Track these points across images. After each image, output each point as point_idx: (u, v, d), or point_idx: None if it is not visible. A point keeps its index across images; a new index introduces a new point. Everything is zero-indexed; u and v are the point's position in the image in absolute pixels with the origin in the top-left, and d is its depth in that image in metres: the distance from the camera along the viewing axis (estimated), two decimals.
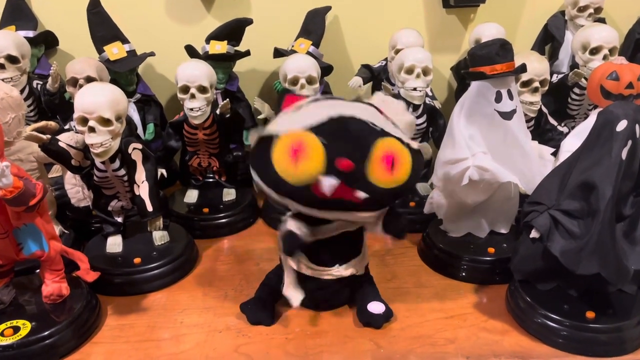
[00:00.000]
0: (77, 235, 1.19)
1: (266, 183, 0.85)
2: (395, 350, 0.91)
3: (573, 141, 1.09)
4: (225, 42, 1.39)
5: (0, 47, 1.23)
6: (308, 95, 0.94)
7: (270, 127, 0.87)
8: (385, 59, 1.50)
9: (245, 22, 1.42)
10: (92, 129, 0.98)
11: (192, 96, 1.19)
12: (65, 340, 0.91)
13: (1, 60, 1.23)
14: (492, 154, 1.04)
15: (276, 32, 1.51)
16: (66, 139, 1.02)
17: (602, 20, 1.51)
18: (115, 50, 1.34)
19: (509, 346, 0.91)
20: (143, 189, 1.07)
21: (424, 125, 1.29)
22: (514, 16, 1.63)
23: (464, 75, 1.32)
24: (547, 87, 1.21)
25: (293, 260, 0.94)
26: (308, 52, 1.42)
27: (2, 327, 0.90)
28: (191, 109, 1.20)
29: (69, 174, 1.16)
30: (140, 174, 1.07)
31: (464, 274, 1.09)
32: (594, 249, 0.85)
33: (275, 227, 1.24)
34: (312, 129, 0.82)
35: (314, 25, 1.47)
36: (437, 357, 0.90)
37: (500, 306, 1.01)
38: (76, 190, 1.18)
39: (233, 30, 1.41)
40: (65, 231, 1.18)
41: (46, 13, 1.50)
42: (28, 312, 0.95)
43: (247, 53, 1.44)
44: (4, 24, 1.40)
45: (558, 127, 1.26)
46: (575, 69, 1.34)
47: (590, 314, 0.90)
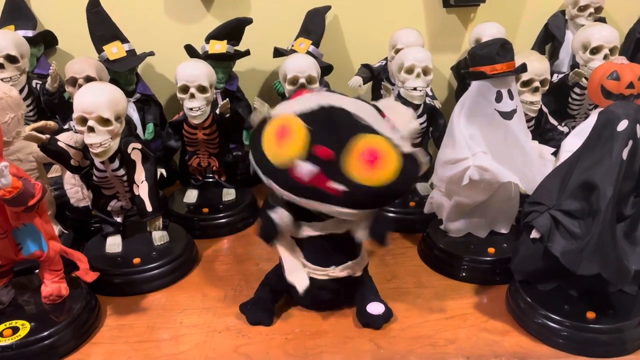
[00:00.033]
0: (76, 235, 1.19)
1: (254, 161, 0.88)
2: (395, 351, 0.91)
3: (574, 141, 1.09)
4: (225, 41, 1.39)
5: None
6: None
7: (269, 111, 0.91)
8: (385, 59, 1.50)
9: (245, 22, 1.42)
10: (91, 129, 0.98)
11: (192, 96, 1.18)
12: (64, 341, 0.91)
13: (0, 60, 1.23)
14: (492, 153, 1.04)
15: (276, 32, 1.51)
16: (65, 138, 1.02)
17: (603, 20, 1.50)
18: (114, 50, 1.34)
19: (510, 347, 0.91)
20: (142, 189, 1.07)
21: (424, 125, 1.29)
22: (514, 16, 1.63)
23: (464, 75, 1.32)
24: (547, 87, 1.20)
25: (282, 246, 0.94)
26: (308, 52, 1.41)
27: (1, 327, 0.90)
28: (191, 109, 1.19)
29: (68, 173, 1.16)
30: (140, 174, 1.07)
31: (464, 274, 1.09)
32: (594, 249, 0.84)
33: None
34: (302, 114, 0.85)
35: (313, 25, 1.47)
36: (437, 357, 0.89)
37: (501, 306, 1.01)
38: (75, 190, 1.17)
39: (233, 30, 1.41)
40: (65, 231, 1.18)
41: (45, 12, 1.50)
42: (27, 312, 0.94)
43: (247, 53, 1.44)
44: (3, 23, 1.40)
45: (558, 126, 1.26)
46: (576, 69, 1.34)
47: (590, 315, 0.90)
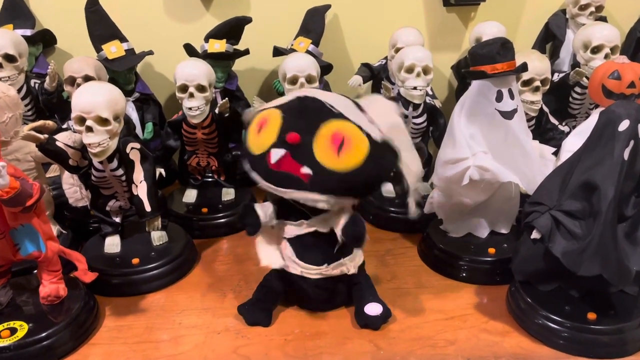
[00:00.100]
0: (75, 235, 1.19)
1: (245, 159, 0.92)
2: (395, 352, 0.90)
3: (574, 141, 1.09)
4: (224, 40, 1.39)
5: None
6: None
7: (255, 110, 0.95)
8: (385, 58, 1.49)
9: (245, 21, 1.41)
10: (89, 129, 0.98)
11: (191, 95, 1.18)
12: (62, 342, 0.91)
13: None
14: (492, 153, 1.03)
15: (275, 31, 1.50)
16: (64, 138, 1.02)
17: (604, 19, 1.50)
18: (113, 49, 1.33)
19: (510, 347, 0.91)
20: (141, 189, 1.06)
21: (424, 124, 1.28)
22: (514, 15, 1.62)
23: (464, 74, 1.31)
24: (548, 86, 1.20)
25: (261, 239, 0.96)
26: (307, 51, 1.41)
27: None
28: (190, 108, 1.19)
29: (66, 173, 1.15)
30: (139, 174, 1.06)
31: (464, 274, 1.09)
32: (595, 250, 0.84)
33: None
34: (280, 106, 0.90)
35: (313, 24, 1.46)
36: (437, 358, 0.89)
37: (501, 307, 1.00)
38: (74, 190, 1.17)
39: (232, 29, 1.41)
40: (63, 231, 1.17)
41: (44, 11, 1.49)
42: (25, 313, 0.94)
43: (246, 52, 1.43)
44: (1, 22, 1.39)
45: (559, 126, 1.25)
46: (577, 68, 1.33)
47: (591, 315, 0.90)
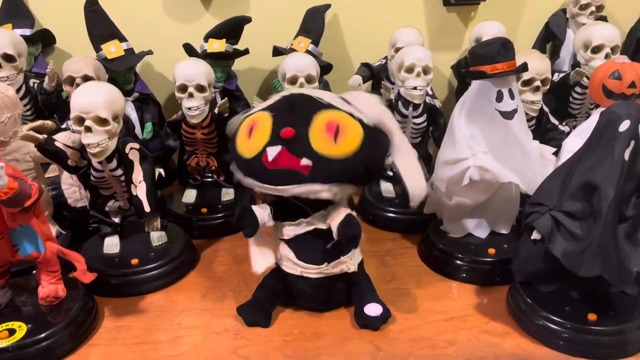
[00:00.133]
0: (74, 236, 1.19)
1: (237, 168, 0.91)
2: (394, 353, 0.90)
3: (575, 141, 1.09)
4: (224, 40, 1.38)
5: None
6: None
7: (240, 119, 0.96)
8: (385, 58, 1.49)
9: (244, 20, 1.41)
10: (88, 129, 0.97)
11: (190, 95, 1.17)
12: (61, 343, 0.91)
13: None
14: (492, 153, 1.03)
15: (275, 31, 1.50)
16: (63, 138, 1.01)
17: (604, 19, 1.49)
18: (112, 49, 1.33)
19: (510, 348, 0.91)
20: (140, 189, 1.06)
21: (424, 124, 1.27)
22: (514, 14, 1.62)
23: (464, 74, 1.31)
24: (548, 86, 1.19)
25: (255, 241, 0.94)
26: (307, 51, 1.41)
27: None
28: (189, 108, 1.18)
29: (65, 173, 1.15)
30: (138, 174, 1.06)
31: (464, 275, 1.08)
32: (596, 250, 0.84)
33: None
34: (267, 107, 0.92)
35: (313, 24, 1.46)
36: (437, 359, 0.89)
37: (501, 308, 1.00)
38: (73, 191, 1.17)
39: (232, 29, 1.40)
40: (63, 231, 1.17)
41: (43, 11, 1.49)
42: (24, 314, 0.94)
43: (246, 51, 1.43)
44: (0, 22, 1.39)
45: (559, 126, 1.25)
46: (577, 68, 1.33)
47: (592, 316, 0.89)
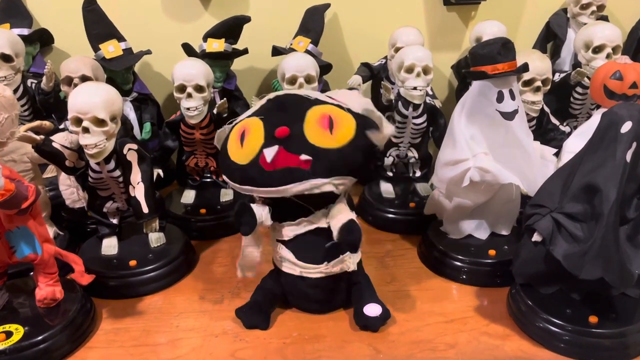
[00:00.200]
0: (72, 237, 1.18)
1: (229, 177, 0.91)
2: (394, 355, 0.89)
3: (576, 141, 1.08)
4: (223, 40, 1.38)
5: None
6: None
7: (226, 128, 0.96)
8: (385, 57, 1.48)
9: (243, 20, 1.40)
10: (86, 130, 0.97)
11: (189, 95, 1.17)
12: (59, 345, 0.90)
13: None
14: (493, 154, 1.02)
15: (274, 30, 1.49)
16: (60, 139, 1.01)
17: (605, 18, 1.49)
18: (111, 49, 1.32)
19: (511, 351, 0.90)
20: (139, 190, 1.05)
21: (424, 124, 1.27)
22: (515, 14, 1.61)
23: (465, 74, 1.30)
24: (549, 87, 1.19)
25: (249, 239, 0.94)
26: (307, 50, 1.40)
27: None
28: (188, 109, 1.18)
29: (63, 174, 1.14)
30: (136, 175, 1.05)
31: (464, 276, 1.08)
32: (597, 252, 0.83)
33: None
34: (254, 113, 0.92)
35: (312, 23, 1.45)
36: None
37: (502, 310, 1.00)
38: (71, 192, 1.16)
39: (231, 28, 1.39)
40: (60, 232, 1.16)
41: (41, 11, 1.48)
42: (21, 316, 0.93)
43: (245, 51, 1.42)
44: None
45: (560, 126, 1.24)
46: (578, 68, 1.32)
47: (593, 319, 0.89)
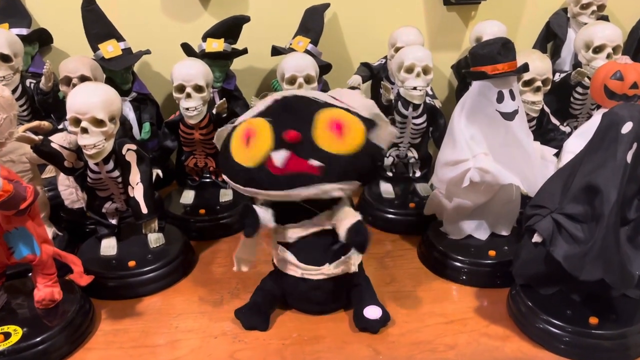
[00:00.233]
0: (71, 237, 1.18)
1: (231, 178, 0.89)
2: (394, 357, 0.89)
3: (576, 142, 1.08)
4: (222, 39, 1.37)
5: None
6: None
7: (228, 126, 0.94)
8: (385, 57, 1.48)
9: (243, 20, 1.40)
10: (84, 130, 0.96)
11: (188, 95, 1.16)
12: (57, 346, 0.90)
13: None
14: (493, 154, 1.02)
15: (274, 30, 1.49)
16: (59, 139, 1.00)
17: (605, 18, 1.48)
18: (110, 48, 1.32)
19: (511, 352, 0.90)
20: (137, 191, 1.05)
21: (424, 124, 1.26)
22: (515, 14, 1.61)
23: (465, 74, 1.30)
24: (549, 87, 1.18)
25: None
26: (306, 50, 1.40)
27: None
28: (187, 109, 1.17)
29: (62, 175, 1.14)
30: (135, 176, 1.05)
31: (464, 277, 1.07)
32: (598, 254, 0.83)
33: None
34: (260, 113, 0.89)
35: (312, 23, 1.45)
36: None
37: (502, 311, 0.99)
38: (70, 192, 1.15)
39: (230, 28, 1.39)
40: (59, 233, 1.16)
41: (40, 10, 1.47)
42: (20, 317, 0.93)
43: (245, 51, 1.42)
44: None
45: (560, 126, 1.24)
46: (578, 68, 1.32)
47: (593, 320, 0.88)
